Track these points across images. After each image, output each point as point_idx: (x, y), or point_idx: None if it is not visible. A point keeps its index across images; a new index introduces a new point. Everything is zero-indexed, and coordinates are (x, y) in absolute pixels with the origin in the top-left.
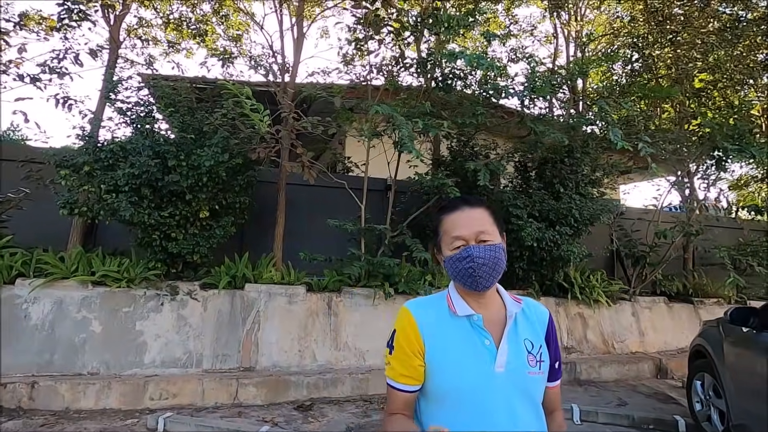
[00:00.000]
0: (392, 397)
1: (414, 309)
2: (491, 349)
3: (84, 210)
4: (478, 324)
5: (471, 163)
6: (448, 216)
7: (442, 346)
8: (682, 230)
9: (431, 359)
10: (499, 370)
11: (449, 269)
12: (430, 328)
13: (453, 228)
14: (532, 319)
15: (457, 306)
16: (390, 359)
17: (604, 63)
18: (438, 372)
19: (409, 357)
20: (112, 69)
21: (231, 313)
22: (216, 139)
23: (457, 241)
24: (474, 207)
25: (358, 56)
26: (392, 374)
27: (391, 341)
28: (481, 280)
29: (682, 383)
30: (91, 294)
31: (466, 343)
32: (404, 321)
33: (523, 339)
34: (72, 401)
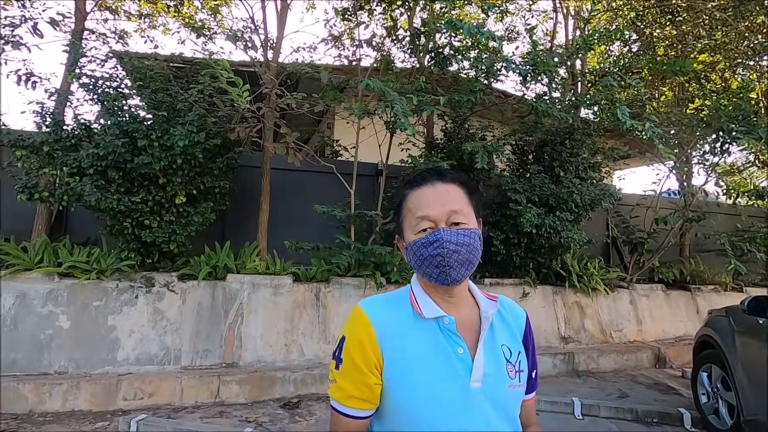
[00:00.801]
0: (339, 424)
1: (370, 311)
2: (465, 360)
3: (45, 195)
4: (450, 328)
5: (468, 144)
6: (414, 191)
7: (404, 359)
8: (682, 216)
9: (391, 376)
10: (475, 385)
11: (412, 257)
12: (389, 338)
13: (419, 206)
14: (509, 320)
15: (423, 306)
16: (336, 375)
17: (613, 36)
18: (400, 392)
19: (362, 374)
20: (77, 40)
21: (212, 306)
22: (191, 117)
23: (424, 222)
24: (447, 182)
25: (346, 31)
26: (338, 395)
27: (339, 352)
28: (451, 271)
29: (681, 373)
30: (57, 287)
31: (436, 354)
32: (358, 327)
33: (500, 345)
34: (37, 403)
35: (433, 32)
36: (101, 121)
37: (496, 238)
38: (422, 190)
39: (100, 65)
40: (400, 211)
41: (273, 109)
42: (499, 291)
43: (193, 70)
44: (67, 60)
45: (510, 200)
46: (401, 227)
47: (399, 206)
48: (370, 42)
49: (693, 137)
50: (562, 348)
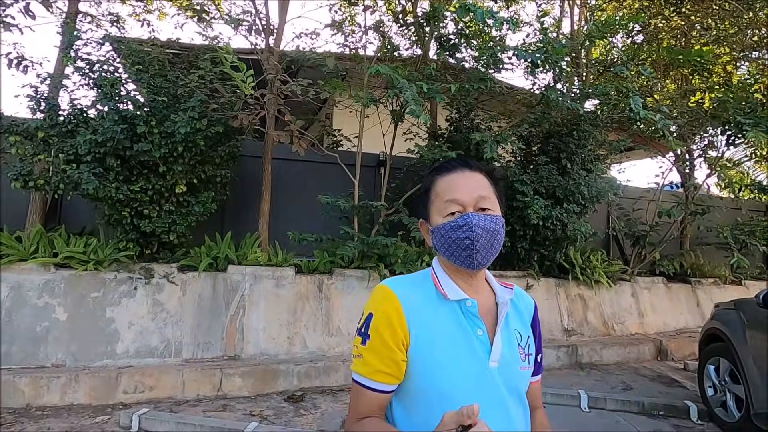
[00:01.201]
0: (362, 399)
1: (397, 289)
2: (484, 341)
3: (41, 183)
4: (472, 311)
5: (477, 134)
6: (443, 177)
7: (429, 337)
8: (686, 209)
9: (415, 353)
10: (493, 365)
11: (439, 241)
12: (416, 315)
13: (448, 190)
14: (520, 307)
15: (447, 288)
16: (363, 351)
17: (628, 23)
18: (424, 368)
19: (390, 349)
20: (71, 20)
21: (213, 298)
22: (192, 102)
23: (453, 206)
24: (474, 170)
25: (348, 18)
26: (365, 370)
27: (365, 328)
28: (477, 254)
29: (683, 365)
30: (54, 278)
31: (458, 334)
32: (386, 303)
33: (513, 330)
34: (34, 397)
35: (440, 18)
36: (98, 106)
37: None
38: (451, 176)
39: (96, 48)
40: (428, 196)
41: (277, 96)
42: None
43: (191, 56)
44: (60, 43)
45: (517, 192)
46: (428, 211)
47: (427, 191)
48: (378, 27)
49: (698, 130)
50: (565, 340)
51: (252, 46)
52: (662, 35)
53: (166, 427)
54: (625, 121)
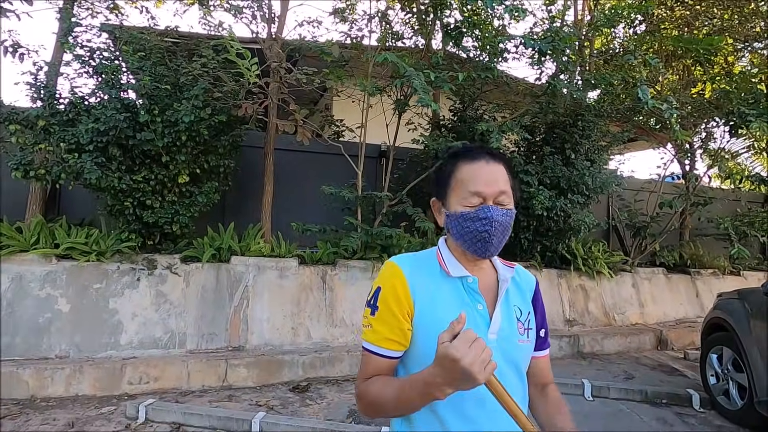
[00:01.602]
0: (371, 364)
1: (403, 265)
2: (484, 315)
3: (42, 173)
4: (473, 287)
5: (483, 123)
6: (469, 164)
7: (432, 309)
8: (687, 200)
9: (419, 323)
10: (492, 336)
11: (455, 227)
12: (420, 288)
13: (473, 180)
14: (521, 285)
15: (450, 266)
16: (372, 321)
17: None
18: (426, 338)
19: (397, 319)
20: (69, 6)
21: (216, 289)
22: (196, 91)
23: (475, 198)
24: (496, 161)
25: (349, 6)
26: (374, 338)
27: (374, 300)
28: (491, 246)
29: (683, 354)
30: (55, 269)
31: (459, 307)
32: (393, 277)
33: (513, 305)
34: (38, 388)
35: (446, 6)
36: (100, 94)
37: None
38: (477, 165)
39: (97, 35)
40: (449, 180)
41: (282, 84)
42: None
43: (191, 45)
44: (58, 29)
45: (521, 182)
46: (446, 194)
47: (449, 175)
48: (383, 15)
49: (700, 120)
50: (567, 331)
51: (253, 34)
52: (665, 25)
53: (173, 418)
54: (628, 112)
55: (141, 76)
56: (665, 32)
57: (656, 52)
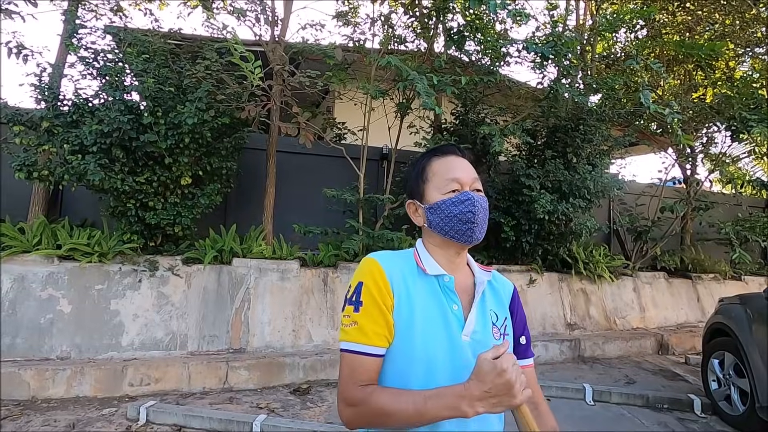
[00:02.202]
0: (362, 366)
1: (382, 261)
2: (459, 316)
3: (45, 174)
4: (449, 286)
5: (485, 127)
6: (441, 158)
7: (409, 305)
8: (688, 205)
9: (398, 318)
10: (465, 338)
11: (438, 215)
12: (398, 284)
13: (449, 170)
14: (498, 290)
15: (427, 264)
16: (357, 317)
17: (637, 16)
18: (402, 334)
19: (383, 312)
20: (73, 8)
21: (218, 291)
22: (200, 93)
23: (454, 184)
24: (465, 157)
25: (351, 9)
26: (361, 337)
27: (357, 295)
28: (476, 228)
29: (685, 359)
30: (57, 270)
31: (434, 305)
32: (374, 272)
33: (489, 309)
34: (39, 389)
35: (448, 10)
36: (104, 95)
37: (506, 224)
38: (450, 158)
39: (101, 37)
40: (424, 175)
41: (285, 87)
42: (506, 277)
43: (194, 47)
44: (63, 31)
45: (523, 186)
46: (422, 190)
47: (422, 170)
48: (386, 19)
49: (701, 125)
50: (568, 335)
51: (257, 36)
52: (666, 30)
53: (174, 420)
54: (629, 116)
55: (145, 78)
56: (667, 37)
57: (658, 57)
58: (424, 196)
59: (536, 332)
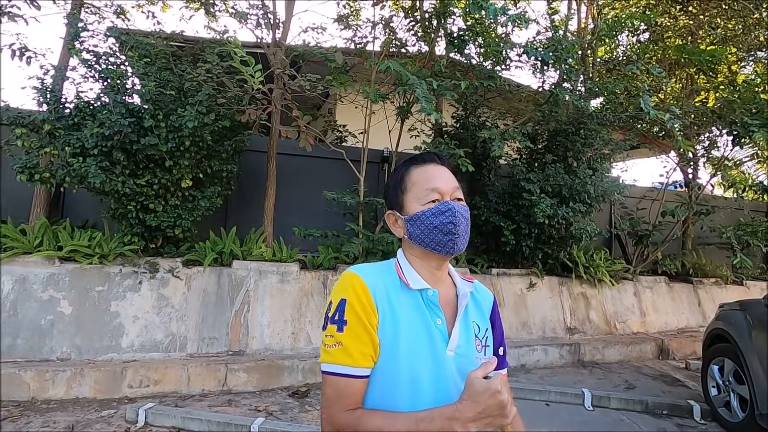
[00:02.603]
0: (348, 389)
1: (363, 275)
2: (443, 330)
3: (46, 176)
4: (433, 301)
5: (485, 131)
6: (420, 167)
7: (392, 321)
8: (690, 209)
9: (382, 336)
10: (450, 353)
11: (419, 227)
12: (381, 300)
13: (428, 179)
14: (480, 301)
15: (410, 278)
16: (342, 338)
17: (638, 21)
18: (387, 352)
19: (368, 330)
20: (76, 11)
21: (218, 293)
22: (200, 96)
23: (434, 194)
24: (444, 165)
25: (353, 12)
26: (346, 359)
27: (340, 314)
28: (458, 239)
29: (685, 365)
30: (58, 271)
31: (418, 321)
32: (357, 289)
33: (471, 321)
34: (39, 390)
35: (449, 14)
36: (105, 98)
37: (506, 228)
38: (428, 167)
39: (103, 40)
40: (403, 186)
41: (285, 91)
42: (506, 281)
43: (196, 50)
44: (66, 34)
45: (523, 190)
46: (401, 201)
47: (401, 180)
48: (389, 22)
49: (703, 129)
50: (567, 339)
51: (258, 39)
52: (668, 34)
53: (173, 422)
54: (630, 120)
55: (146, 81)
56: (669, 41)
57: (659, 61)
58: (403, 207)
59: (536, 336)
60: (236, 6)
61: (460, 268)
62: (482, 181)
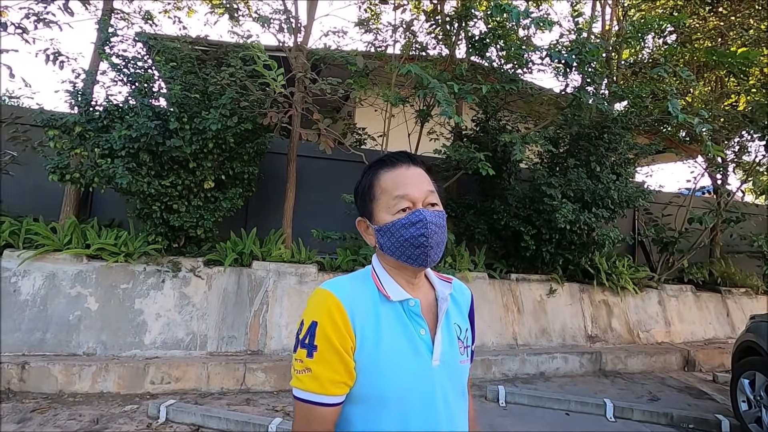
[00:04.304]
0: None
1: (339, 292)
2: (426, 340)
3: (76, 176)
4: (415, 311)
5: (506, 135)
6: (389, 171)
7: (373, 339)
8: (718, 216)
9: (361, 357)
10: (436, 363)
11: (389, 239)
12: (360, 318)
13: (397, 186)
14: (459, 301)
15: (389, 289)
16: (311, 364)
17: (664, 23)
18: (369, 371)
19: (341, 356)
20: (107, 17)
21: (237, 293)
22: (224, 100)
23: (403, 202)
24: (417, 165)
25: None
26: (316, 386)
27: (310, 338)
28: (431, 251)
29: (713, 377)
30: (86, 268)
31: (401, 334)
32: (331, 309)
33: (453, 323)
34: (66, 384)
35: (470, 17)
36: (132, 101)
37: (527, 233)
38: (399, 170)
39: (131, 45)
40: (371, 192)
41: (306, 94)
42: (525, 286)
43: (220, 54)
44: (96, 39)
45: (544, 195)
46: (371, 209)
47: (370, 187)
48: (410, 26)
49: (733, 134)
50: (588, 347)
51: (280, 43)
52: (697, 36)
53: (192, 419)
54: (656, 124)
55: (172, 85)
56: (698, 43)
57: (687, 63)
58: (373, 216)
59: (555, 343)
60: (259, 11)
61: (479, 273)
62: (502, 185)
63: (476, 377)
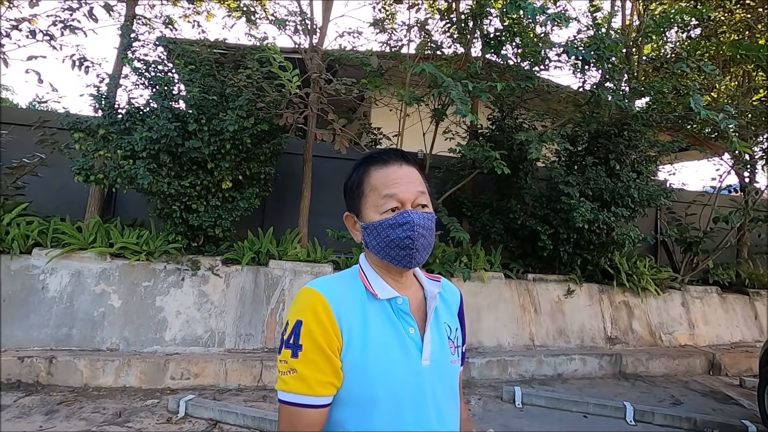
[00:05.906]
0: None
1: (325, 292)
2: (416, 339)
3: (100, 177)
4: (404, 309)
5: (522, 133)
6: (380, 169)
7: (361, 339)
8: (746, 215)
9: (348, 357)
10: (425, 363)
11: (374, 239)
12: (347, 318)
13: (386, 184)
14: (448, 300)
15: (377, 287)
16: (296, 364)
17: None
18: (357, 372)
19: (327, 356)
20: (129, 23)
21: (254, 291)
22: (241, 101)
23: (392, 202)
24: (409, 164)
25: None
26: (301, 387)
27: (295, 338)
28: (416, 254)
29: (739, 381)
30: (109, 266)
31: (390, 334)
32: (316, 308)
33: (443, 323)
34: (91, 378)
35: (485, 15)
36: (153, 104)
37: (544, 232)
38: (389, 169)
39: (152, 49)
40: (360, 189)
41: (321, 95)
42: (542, 287)
43: (237, 56)
44: (119, 44)
45: (562, 193)
46: (359, 205)
47: (359, 183)
48: (423, 25)
49: (762, 130)
50: (608, 349)
51: (296, 45)
52: (722, 29)
53: (210, 414)
54: (679, 120)
55: (191, 88)
56: (723, 37)
57: (712, 58)
58: (360, 213)
59: (573, 345)
60: (276, 13)
61: (495, 272)
62: (518, 183)
63: (492, 378)
